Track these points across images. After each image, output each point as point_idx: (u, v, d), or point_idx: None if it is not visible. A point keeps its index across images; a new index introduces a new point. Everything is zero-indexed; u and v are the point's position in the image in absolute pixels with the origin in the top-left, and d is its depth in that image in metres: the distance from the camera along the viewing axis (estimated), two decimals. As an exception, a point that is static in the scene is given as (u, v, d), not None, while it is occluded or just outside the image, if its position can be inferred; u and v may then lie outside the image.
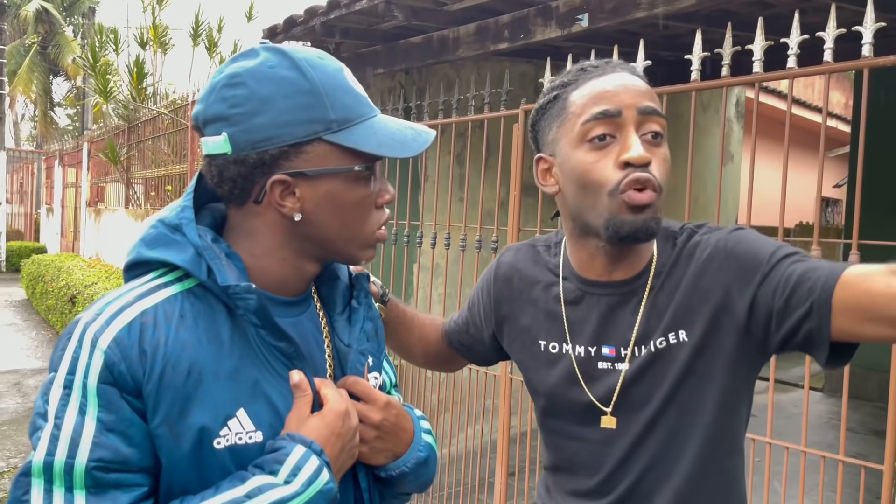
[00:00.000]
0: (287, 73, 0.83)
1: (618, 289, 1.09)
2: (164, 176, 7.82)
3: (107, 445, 0.77)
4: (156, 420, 0.79)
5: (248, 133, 0.82)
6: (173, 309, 0.83)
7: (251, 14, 9.69)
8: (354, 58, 4.13)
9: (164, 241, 0.86)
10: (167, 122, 7.73)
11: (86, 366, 0.78)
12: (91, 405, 0.77)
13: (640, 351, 1.06)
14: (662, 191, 1.00)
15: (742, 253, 1.01)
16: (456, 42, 3.43)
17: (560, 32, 2.95)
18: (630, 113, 0.99)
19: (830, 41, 2.09)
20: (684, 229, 1.10)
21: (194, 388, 0.81)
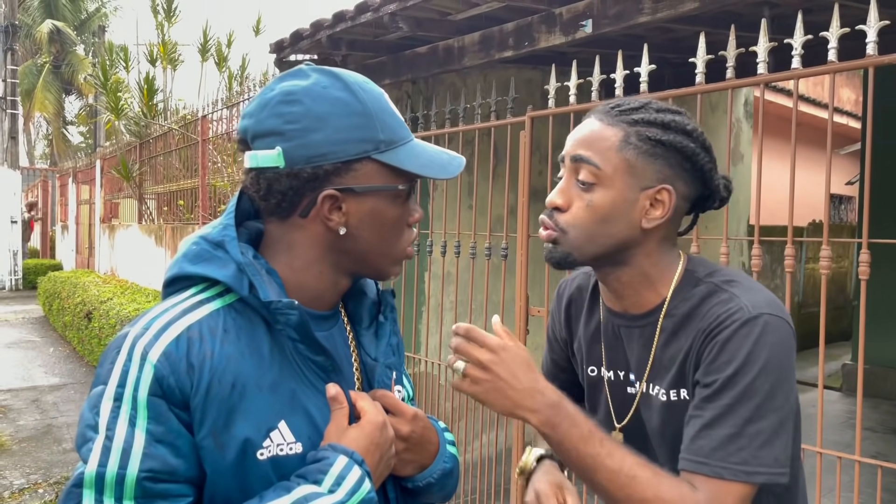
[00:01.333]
0: (340, 94, 0.88)
1: (633, 322, 1.14)
2: (176, 191, 7.90)
3: (156, 456, 0.79)
4: (202, 432, 0.82)
5: (303, 148, 0.86)
6: (217, 324, 0.86)
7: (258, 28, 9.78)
8: (361, 69, 4.16)
9: (207, 257, 0.89)
10: (178, 137, 7.81)
11: (136, 379, 0.81)
12: (141, 417, 0.80)
13: (651, 389, 1.12)
14: (568, 232, 1.08)
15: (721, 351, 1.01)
16: (461, 51, 3.45)
17: (564, 39, 2.96)
18: (567, 160, 1.11)
19: (834, 41, 2.09)
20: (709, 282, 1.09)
21: (238, 400, 0.84)
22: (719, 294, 1.05)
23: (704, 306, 1.06)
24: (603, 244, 1.07)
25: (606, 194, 1.05)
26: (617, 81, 2.71)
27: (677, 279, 1.10)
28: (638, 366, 1.13)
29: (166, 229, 7.91)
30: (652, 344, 1.11)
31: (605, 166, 1.05)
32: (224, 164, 6.99)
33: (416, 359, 3.99)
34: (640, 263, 1.10)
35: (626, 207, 1.06)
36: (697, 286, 1.09)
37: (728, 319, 1.01)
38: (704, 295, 1.07)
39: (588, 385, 1.24)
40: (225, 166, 6.95)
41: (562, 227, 1.08)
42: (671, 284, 1.10)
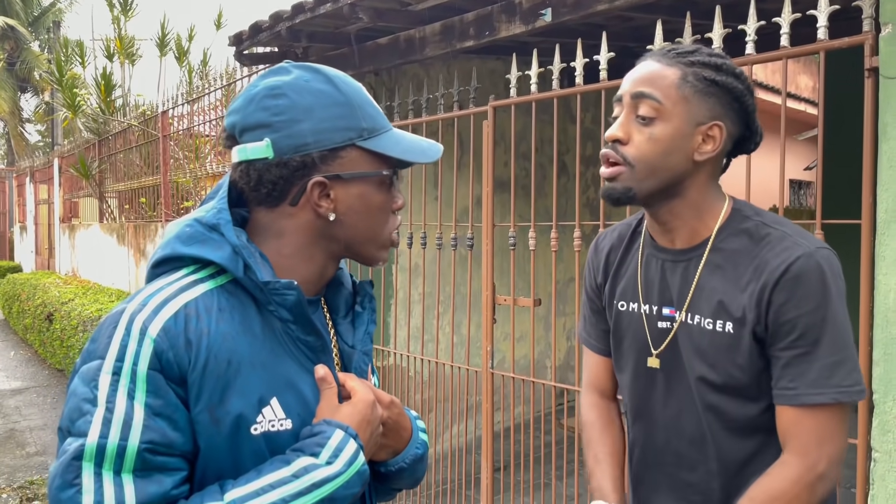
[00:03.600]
0: (323, 87, 0.93)
1: (678, 255, 1.21)
2: (138, 188, 7.75)
3: (156, 429, 0.82)
4: (198, 406, 0.84)
5: (290, 138, 0.90)
6: (212, 303, 0.89)
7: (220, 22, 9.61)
8: (322, 61, 4.12)
9: (201, 238, 0.92)
10: (138, 133, 7.66)
11: (135, 353, 0.82)
12: (140, 391, 0.82)
13: (690, 318, 1.18)
14: (634, 164, 1.14)
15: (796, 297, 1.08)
16: (422, 42, 3.44)
17: (525, 28, 2.96)
18: (626, 98, 1.16)
19: (786, 26, 2.13)
20: (758, 220, 1.16)
21: (233, 377, 0.86)
22: (772, 233, 1.13)
23: (761, 247, 1.12)
24: (661, 177, 1.15)
25: (666, 127, 1.13)
26: (577, 70, 2.73)
27: (724, 215, 1.18)
28: (679, 297, 1.19)
29: (129, 228, 7.77)
30: (694, 276, 1.18)
31: (666, 101, 1.13)
32: (186, 161, 6.87)
33: (385, 351, 3.98)
34: (691, 195, 1.17)
35: (682, 140, 1.14)
36: (744, 223, 1.16)
37: (794, 263, 1.08)
38: (756, 234, 1.14)
39: (616, 320, 1.30)
40: (187, 162, 6.83)
41: (628, 159, 1.14)
42: (718, 219, 1.18)
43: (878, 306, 1.92)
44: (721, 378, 1.15)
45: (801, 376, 1.08)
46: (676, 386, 1.21)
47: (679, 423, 1.21)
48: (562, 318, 5.69)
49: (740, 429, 1.16)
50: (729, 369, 1.14)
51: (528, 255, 3.13)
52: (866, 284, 1.96)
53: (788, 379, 1.09)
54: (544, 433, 3.14)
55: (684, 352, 1.18)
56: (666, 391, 1.22)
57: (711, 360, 1.15)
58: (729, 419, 1.16)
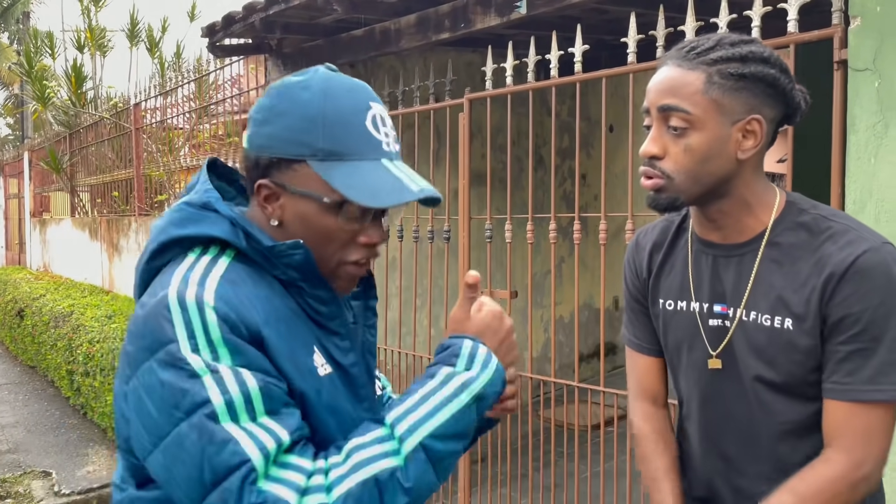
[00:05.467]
0: (306, 96, 0.92)
1: (731, 251, 1.18)
2: (110, 182, 7.63)
3: (259, 376, 0.85)
4: (279, 359, 0.88)
5: (257, 137, 0.94)
6: (237, 274, 0.91)
7: (194, 14, 9.48)
8: (298, 53, 4.08)
9: (196, 218, 0.93)
10: (110, 126, 7.54)
11: (202, 324, 0.84)
12: (224, 357, 0.84)
13: (747, 315, 1.15)
14: (673, 177, 1.12)
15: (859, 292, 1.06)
16: (398, 33, 3.42)
17: (500, 20, 2.96)
18: (654, 111, 1.13)
19: (757, 19, 2.15)
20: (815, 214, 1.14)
21: (286, 332, 0.90)
22: (833, 226, 1.10)
23: (822, 240, 1.10)
24: (706, 182, 1.12)
25: (701, 136, 1.09)
26: (552, 62, 2.74)
27: (779, 208, 1.15)
28: (734, 294, 1.16)
29: (101, 222, 7.65)
30: (751, 272, 1.15)
31: (695, 110, 1.09)
32: (160, 154, 6.78)
33: (362, 345, 3.96)
34: (740, 192, 1.15)
35: (721, 144, 1.10)
36: (801, 216, 1.14)
37: (860, 258, 1.05)
38: (815, 227, 1.11)
39: (664, 320, 1.27)
40: (160, 155, 6.75)
41: (667, 173, 1.12)
42: (772, 212, 1.15)
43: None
44: (779, 377, 1.12)
45: (857, 372, 1.05)
46: (736, 387, 1.18)
47: (734, 426, 1.18)
48: (539, 310, 5.72)
49: (794, 431, 1.14)
50: (787, 367, 1.11)
51: (504, 247, 3.13)
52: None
53: (843, 373, 1.06)
54: (521, 424, 3.16)
55: (740, 350, 1.16)
56: (726, 392, 1.19)
57: (769, 357, 1.13)
58: (783, 420, 1.14)
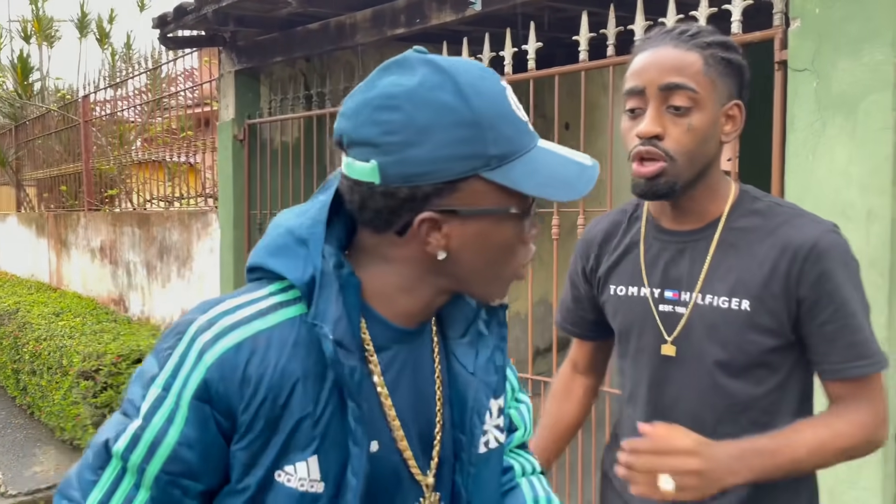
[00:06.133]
0: (448, 99, 0.74)
1: (687, 237, 1.20)
2: (58, 176, 7.44)
3: (182, 460, 0.77)
4: (240, 444, 0.77)
5: (401, 165, 0.74)
6: (289, 335, 0.78)
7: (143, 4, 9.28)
8: (252, 46, 4.04)
9: (289, 252, 0.79)
10: (57, 119, 7.34)
11: (186, 376, 0.76)
12: (180, 416, 0.76)
13: (703, 299, 1.17)
14: (677, 159, 1.11)
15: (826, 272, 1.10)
16: (353, 28, 3.41)
17: (455, 16, 2.98)
18: (652, 89, 1.11)
19: (703, 19, 2.20)
20: (768, 201, 1.19)
21: (284, 423, 0.77)
22: (785, 213, 1.15)
23: (779, 224, 1.14)
24: (698, 165, 1.13)
25: (703, 116, 1.11)
26: (506, 59, 2.76)
27: (734, 196, 1.19)
28: (689, 279, 1.18)
29: (49, 217, 7.44)
30: (706, 257, 1.17)
31: (700, 89, 1.10)
32: (110, 147, 6.63)
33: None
34: (712, 176, 1.17)
35: (715, 126, 1.13)
36: (755, 204, 1.18)
37: (820, 239, 1.10)
38: (769, 213, 1.16)
39: (614, 305, 1.28)
40: (111, 149, 6.59)
41: (670, 154, 1.10)
42: (728, 200, 1.19)
43: (786, 288, 2.02)
44: (735, 359, 1.15)
45: (848, 349, 1.11)
46: (688, 370, 1.19)
47: (683, 409, 1.19)
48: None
49: (741, 411, 1.17)
50: (744, 348, 1.14)
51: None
52: (776, 267, 2.07)
53: (839, 354, 1.11)
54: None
55: (696, 334, 1.17)
56: (678, 378, 1.20)
57: (725, 339, 1.15)
58: (734, 402, 1.17)
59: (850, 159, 1.90)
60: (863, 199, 1.89)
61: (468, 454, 0.88)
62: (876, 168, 1.87)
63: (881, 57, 1.85)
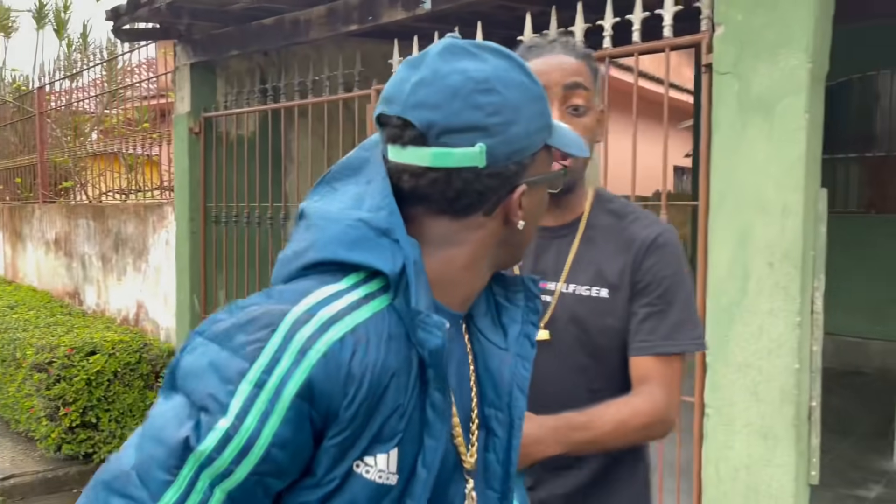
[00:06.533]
0: (523, 79, 0.79)
1: (554, 233, 1.30)
2: (13, 168, 7.31)
3: (272, 461, 0.72)
4: (336, 440, 0.74)
5: (506, 144, 0.77)
6: (383, 327, 0.76)
7: (101, -7, 9.13)
8: (208, 40, 4.05)
9: (371, 245, 0.77)
10: (13, 110, 7.21)
11: (284, 373, 0.71)
12: (276, 415, 0.71)
13: (567, 288, 1.28)
14: None
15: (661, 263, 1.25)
16: (308, 24, 3.46)
17: (406, 14, 3.05)
18: (556, 89, 1.20)
19: (669, 17, 2.29)
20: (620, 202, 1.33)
21: (378, 417, 0.75)
22: (634, 213, 1.30)
23: (629, 222, 1.28)
24: (585, 163, 1.25)
25: (591, 118, 1.23)
26: (454, 57, 2.84)
27: (593, 196, 1.32)
28: (555, 270, 1.29)
29: (3, 210, 7.32)
30: (569, 251, 1.28)
31: (591, 91, 1.22)
32: (65, 139, 6.55)
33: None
34: (583, 178, 1.30)
35: (596, 126, 1.25)
36: (610, 205, 1.31)
37: (659, 236, 1.26)
38: (621, 212, 1.30)
39: None
40: (66, 141, 6.51)
41: None
42: (588, 200, 1.32)
43: (710, 278, 2.14)
44: (595, 341, 1.26)
45: (656, 330, 1.23)
46: (556, 354, 1.27)
47: (553, 388, 1.27)
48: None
49: (600, 389, 1.26)
50: (603, 331, 1.25)
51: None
52: (703, 258, 2.19)
53: (646, 332, 1.24)
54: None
55: (561, 320, 1.27)
56: (549, 360, 1.26)
57: (587, 324, 1.26)
58: (595, 380, 1.27)
59: (768, 158, 2.03)
60: (778, 196, 2.01)
61: (508, 428, 0.89)
62: (790, 167, 1.99)
63: (796, 62, 1.97)
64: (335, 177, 0.85)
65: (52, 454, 4.11)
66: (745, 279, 2.07)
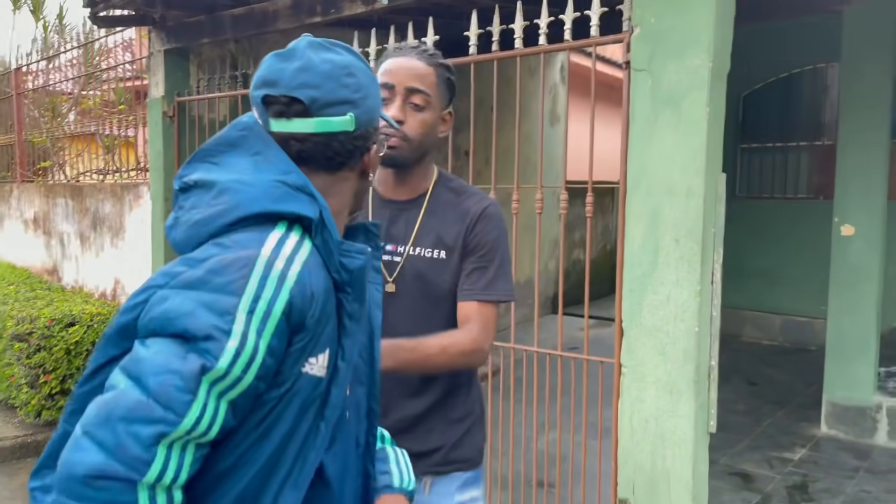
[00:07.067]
0: (364, 66, 1.08)
1: (404, 205, 1.61)
2: (-10, 147, 7.42)
3: (266, 367, 0.92)
4: (297, 346, 0.95)
5: (366, 113, 1.06)
6: (316, 259, 0.98)
7: (78, -26, 9.17)
8: (181, 27, 4.23)
9: (293, 198, 0.97)
10: (-11, 90, 7.31)
11: (271, 297, 0.91)
12: (268, 331, 0.90)
13: (414, 250, 1.58)
14: (411, 141, 1.53)
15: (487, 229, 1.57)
16: (275, 15, 3.66)
17: (365, 8, 3.26)
18: (400, 88, 1.53)
19: (569, 22, 2.55)
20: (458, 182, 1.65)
21: (322, 328, 0.97)
22: (469, 191, 1.63)
23: (463, 199, 1.60)
24: (422, 149, 1.56)
25: (431, 114, 1.55)
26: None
27: (436, 177, 1.64)
28: (404, 236, 1.59)
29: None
30: (416, 220, 1.59)
31: (432, 94, 1.54)
32: (43, 119, 6.68)
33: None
34: (427, 161, 1.62)
35: (436, 123, 1.57)
36: (450, 183, 1.64)
37: (487, 208, 1.59)
38: (458, 190, 1.62)
39: None
40: (44, 121, 6.64)
41: (407, 136, 1.53)
42: (432, 179, 1.63)
43: (626, 252, 2.41)
44: (434, 292, 1.57)
45: (478, 282, 1.55)
46: (403, 303, 1.57)
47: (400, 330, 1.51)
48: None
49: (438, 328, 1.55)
50: (440, 284, 1.57)
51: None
52: (621, 234, 2.45)
53: (470, 283, 1.56)
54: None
55: (409, 275, 1.58)
56: (397, 308, 1.55)
57: (428, 278, 1.57)
58: (432, 324, 1.55)
59: (675, 146, 2.29)
60: (683, 180, 2.28)
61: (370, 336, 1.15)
62: (693, 154, 2.26)
63: (699, 61, 2.23)
64: (211, 153, 1.03)
65: (31, 420, 4.32)
66: (655, 253, 2.34)
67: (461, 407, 1.65)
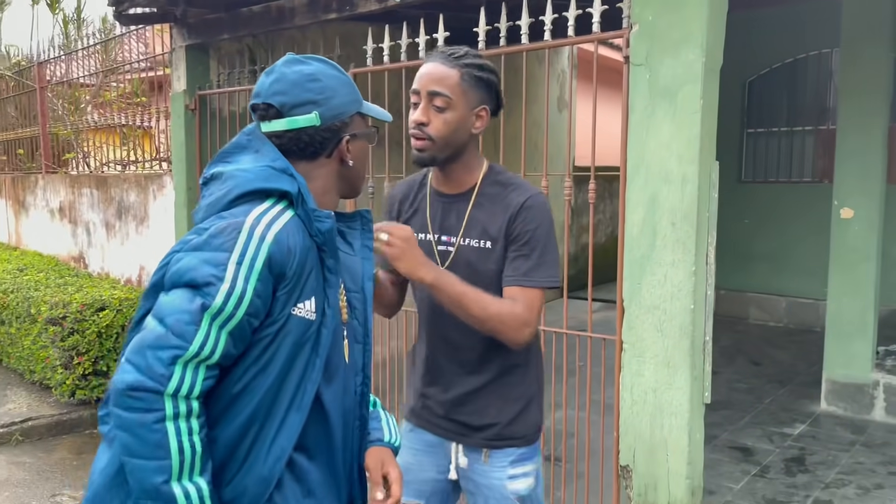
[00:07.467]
0: (336, 73, 1.34)
1: (453, 199, 1.75)
2: (14, 139, 7.64)
3: (254, 305, 1.18)
4: (282, 292, 1.22)
5: (330, 110, 1.30)
6: (296, 225, 1.24)
7: (94, -32, 9.35)
8: (201, 24, 4.40)
9: (278, 178, 1.25)
10: (12, 84, 7.52)
11: (255, 252, 1.18)
12: (254, 277, 1.17)
13: (464, 241, 1.72)
14: (435, 140, 1.65)
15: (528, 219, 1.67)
16: (292, 11, 3.82)
17: (378, 6, 3.42)
18: (423, 92, 1.66)
19: (572, 18, 2.69)
20: (507, 175, 1.76)
21: (304, 275, 1.24)
22: (514, 183, 1.73)
23: (509, 191, 1.70)
24: (452, 147, 1.66)
25: (455, 113, 1.64)
26: (420, 45, 3.22)
27: (484, 171, 1.75)
28: (456, 227, 1.73)
29: (5, 180, 7.66)
30: (465, 212, 1.72)
31: (453, 95, 1.64)
32: (66, 112, 6.88)
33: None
34: (467, 158, 1.72)
35: (465, 121, 1.66)
36: (498, 177, 1.74)
37: (528, 199, 1.68)
38: (505, 183, 1.72)
39: None
40: (67, 114, 6.85)
41: (431, 136, 1.64)
42: (480, 173, 1.74)
43: (626, 235, 2.57)
44: (481, 279, 1.67)
45: (519, 269, 1.66)
46: None
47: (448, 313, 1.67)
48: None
49: None
50: (486, 271, 1.69)
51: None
52: (622, 219, 2.61)
53: (512, 270, 1.68)
54: (401, 352, 3.70)
55: (460, 264, 1.71)
56: None
57: (476, 267, 1.70)
58: None
59: (671, 136, 2.44)
60: (679, 168, 2.43)
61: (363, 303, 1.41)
62: (688, 143, 2.41)
63: (693, 56, 2.38)
64: (228, 154, 1.34)
65: (66, 399, 4.54)
66: (653, 236, 2.51)
67: (517, 386, 1.77)
